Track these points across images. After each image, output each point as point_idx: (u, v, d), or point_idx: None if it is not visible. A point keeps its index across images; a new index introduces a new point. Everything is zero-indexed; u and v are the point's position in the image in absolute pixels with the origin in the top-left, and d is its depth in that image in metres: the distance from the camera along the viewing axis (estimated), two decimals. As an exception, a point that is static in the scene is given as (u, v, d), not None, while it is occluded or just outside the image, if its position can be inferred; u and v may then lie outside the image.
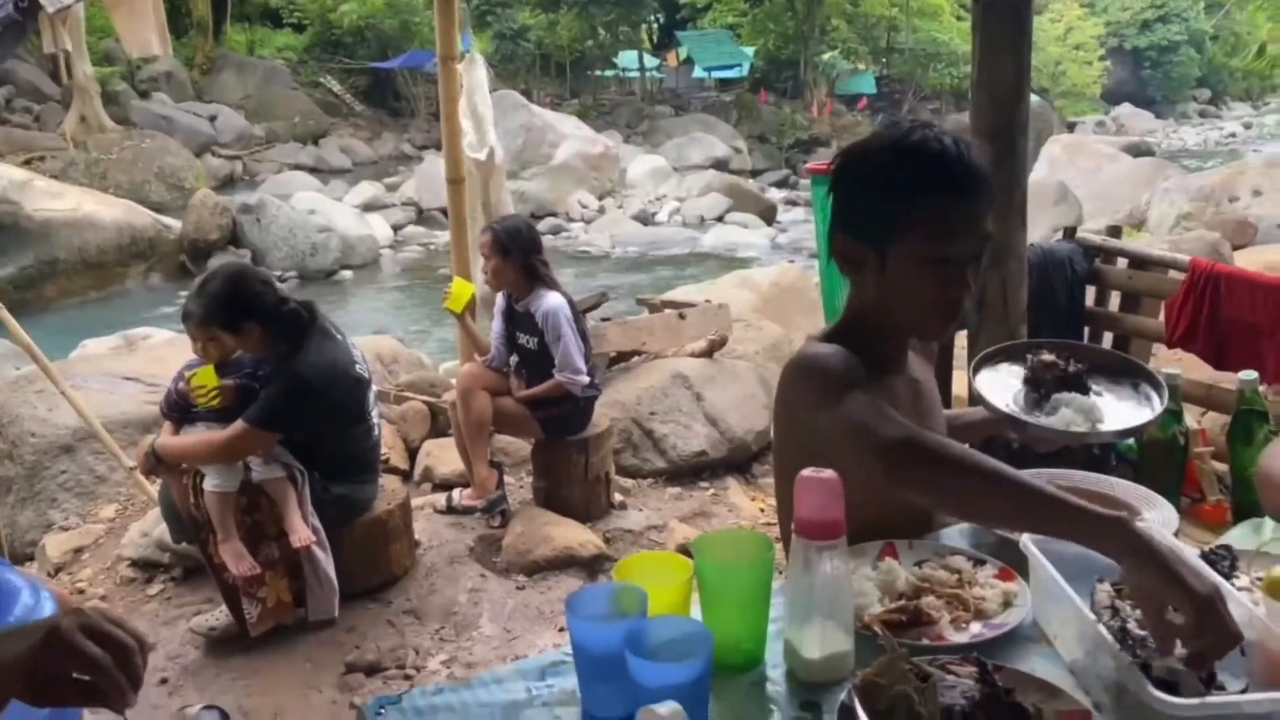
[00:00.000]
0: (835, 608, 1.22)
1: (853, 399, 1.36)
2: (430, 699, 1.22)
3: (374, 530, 3.54)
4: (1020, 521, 1.29)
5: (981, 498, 1.24)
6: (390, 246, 14.12)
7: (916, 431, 1.29)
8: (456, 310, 4.25)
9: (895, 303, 1.49)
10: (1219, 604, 1.06)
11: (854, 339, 1.54)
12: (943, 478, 1.25)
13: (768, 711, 1.18)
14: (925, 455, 1.26)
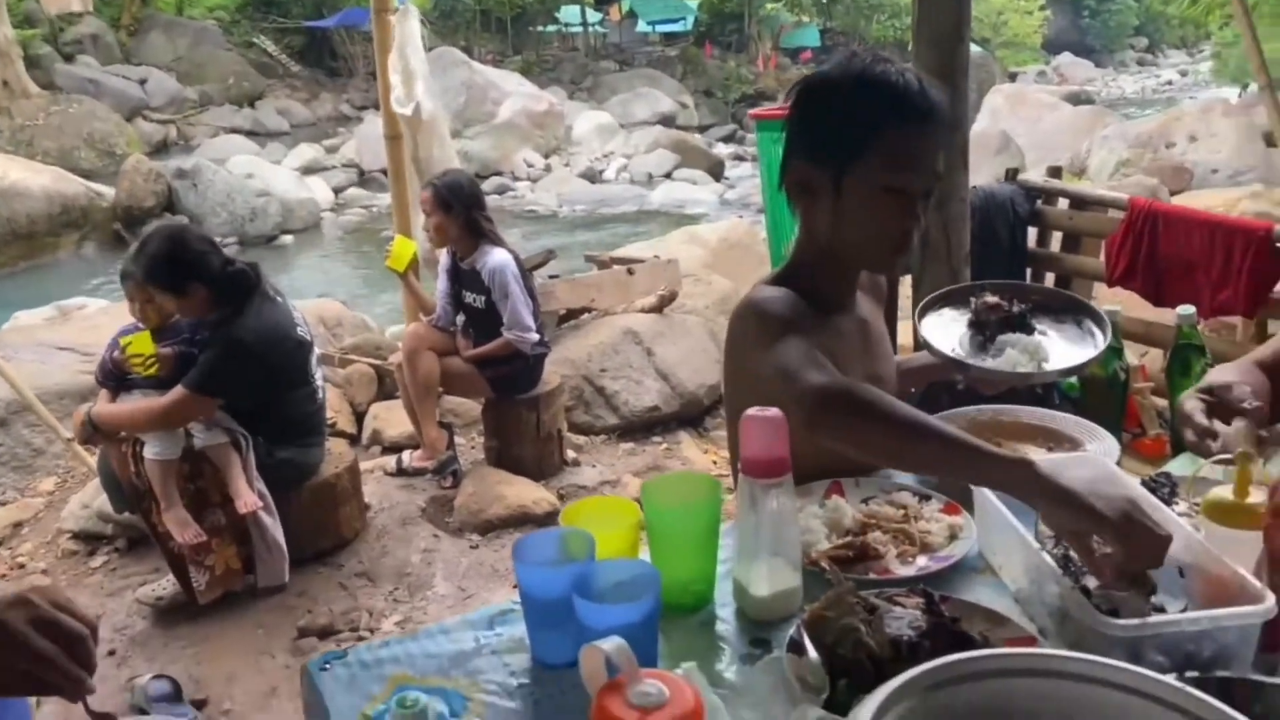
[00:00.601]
0: (782, 545, 1.22)
1: (786, 344, 1.37)
2: (376, 652, 1.20)
3: (322, 494, 3.49)
4: (933, 468, 1.32)
5: (896, 446, 1.24)
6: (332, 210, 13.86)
7: (838, 380, 1.29)
8: (399, 269, 4.17)
9: (847, 233, 1.49)
10: (1136, 516, 1.06)
11: (801, 280, 1.54)
12: (859, 426, 1.25)
13: (718, 650, 1.17)
14: (843, 404, 1.25)
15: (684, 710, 0.67)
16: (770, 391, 1.31)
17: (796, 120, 1.51)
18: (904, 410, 1.23)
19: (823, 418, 1.25)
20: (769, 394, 1.28)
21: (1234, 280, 3.06)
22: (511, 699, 1.11)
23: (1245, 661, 1.04)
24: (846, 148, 1.43)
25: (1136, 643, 1.01)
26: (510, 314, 3.87)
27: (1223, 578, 1.09)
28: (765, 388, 1.34)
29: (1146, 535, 1.05)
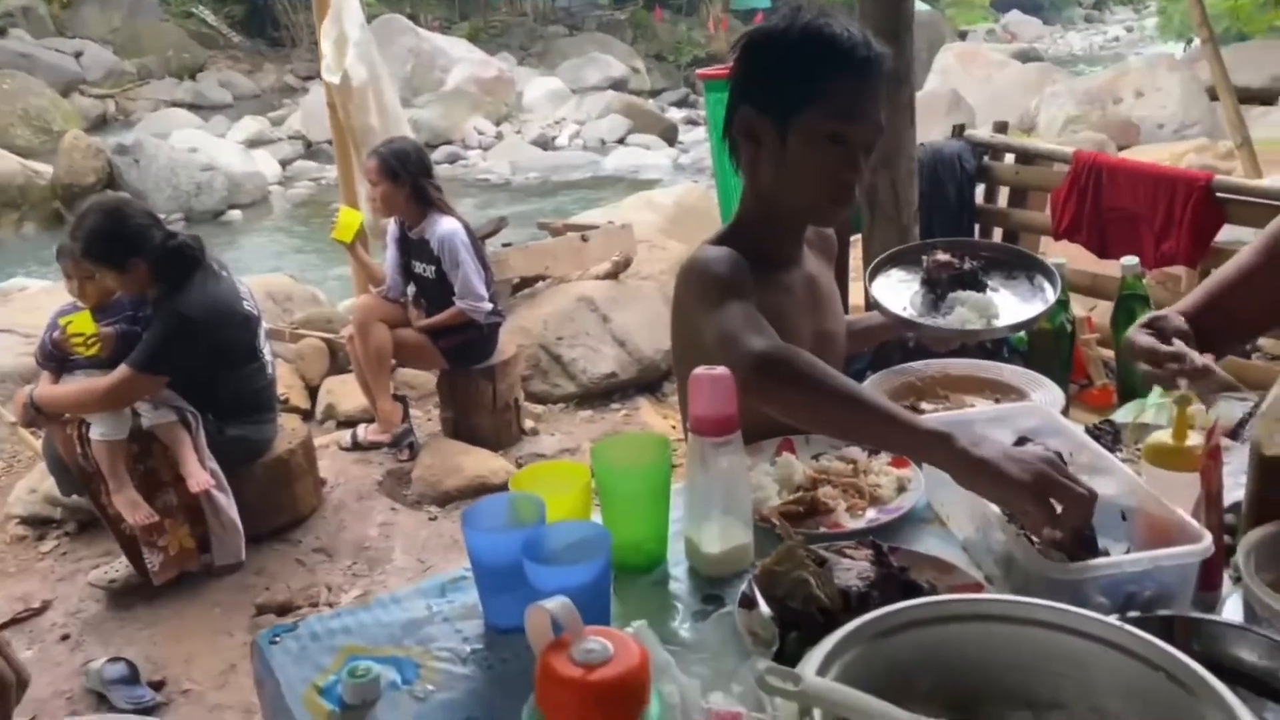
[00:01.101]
0: (733, 502, 1.22)
1: (728, 307, 1.38)
2: (327, 624, 1.19)
3: (276, 470, 3.45)
4: (856, 437, 1.34)
5: (823, 415, 1.25)
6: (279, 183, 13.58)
7: (775, 347, 1.29)
8: (345, 240, 4.10)
9: (790, 182, 1.49)
10: (1053, 478, 1.06)
11: (747, 237, 1.55)
12: (790, 394, 1.26)
13: (671, 608, 1.18)
14: (777, 371, 1.26)
15: (629, 666, 0.67)
16: (713, 354, 1.31)
17: (742, 70, 1.51)
18: (834, 380, 1.24)
19: (756, 384, 1.26)
20: (712, 356, 1.28)
21: (1176, 231, 3.11)
22: (464, 665, 1.10)
23: (1185, 600, 1.06)
24: (790, 95, 1.44)
25: (1080, 585, 1.03)
26: (461, 283, 3.83)
27: (1163, 519, 1.11)
28: (708, 350, 1.35)
29: (1067, 495, 1.06)
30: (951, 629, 0.89)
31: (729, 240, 1.55)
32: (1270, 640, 0.97)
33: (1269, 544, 1.10)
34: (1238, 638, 0.99)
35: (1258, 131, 6.73)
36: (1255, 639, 0.98)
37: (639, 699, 0.68)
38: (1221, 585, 1.11)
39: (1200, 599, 1.09)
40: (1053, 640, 0.88)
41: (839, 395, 1.22)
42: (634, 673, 0.67)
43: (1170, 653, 0.82)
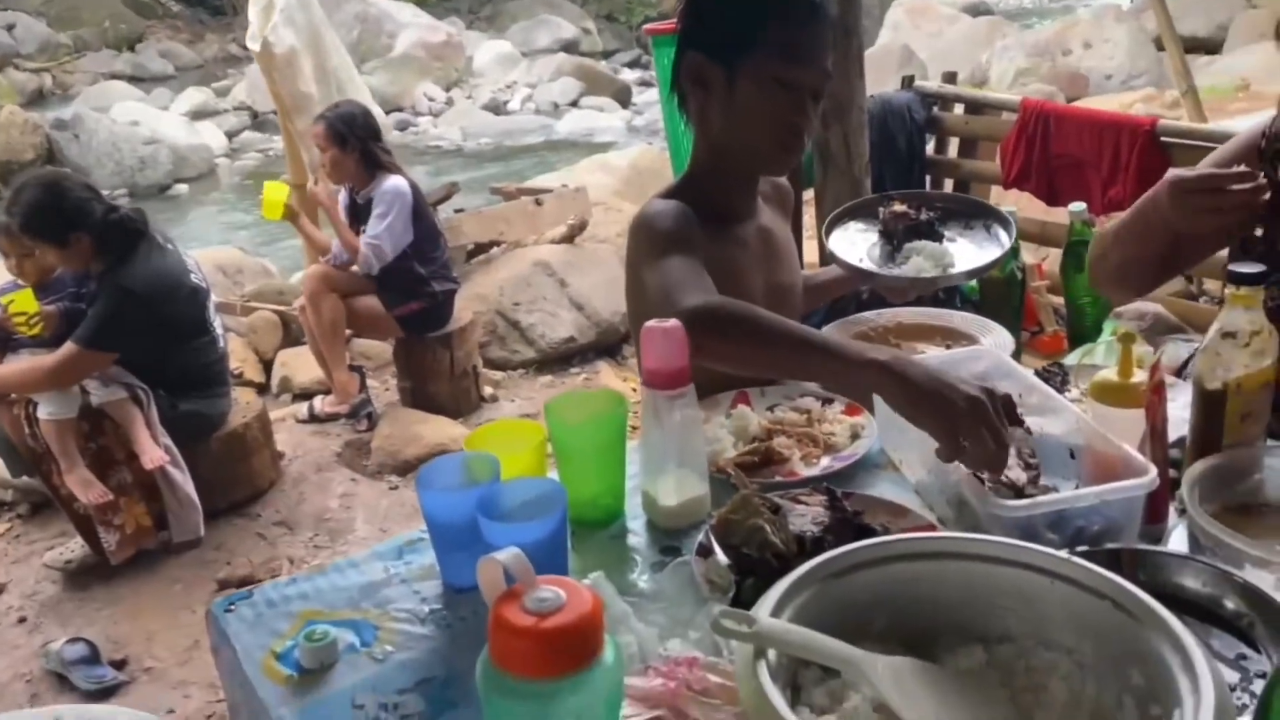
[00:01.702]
0: (688, 455, 1.22)
1: (669, 261, 1.38)
2: (283, 590, 1.18)
3: (232, 444, 3.41)
4: (795, 374, 1.36)
5: (765, 357, 1.27)
6: (226, 155, 13.30)
7: (709, 300, 1.29)
8: (275, 217, 3.99)
9: (740, 129, 1.49)
10: (986, 410, 1.07)
11: (698, 190, 1.54)
12: (727, 343, 1.27)
13: (629, 561, 1.18)
14: (711, 323, 1.26)
15: (582, 613, 0.67)
16: (656, 308, 1.31)
17: (689, 16, 1.50)
18: (771, 323, 1.25)
19: (693, 339, 1.24)
20: (658, 310, 1.28)
21: (1123, 176, 3.14)
22: (423, 625, 1.10)
23: (1132, 533, 1.08)
24: (738, 39, 1.44)
25: (1029, 522, 1.04)
26: (373, 226, 3.73)
27: (1109, 455, 1.13)
28: (654, 304, 1.35)
29: (987, 439, 1.05)
30: (903, 568, 0.90)
31: (679, 193, 1.54)
32: (1214, 568, 0.99)
33: (1212, 476, 1.13)
34: (1182, 567, 1.01)
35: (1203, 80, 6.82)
36: (1199, 568, 1.00)
37: (593, 645, 0.68)
38: (1167, 518, 1.14)
39: (1147, 532, 1.12)
40: (1002, 575, 0.89)
41: (777, 337, 1.24)
42: (587, 619, 0.67)
43: (1116, 582, 0.84)
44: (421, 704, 0.97)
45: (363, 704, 0.98)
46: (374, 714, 0.96)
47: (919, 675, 0.83)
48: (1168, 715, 0.74)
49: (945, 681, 0.84)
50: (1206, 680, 0.73)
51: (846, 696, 0.81)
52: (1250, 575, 0.97)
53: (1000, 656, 0.88)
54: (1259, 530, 1.11)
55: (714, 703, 0.84)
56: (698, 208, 1.49)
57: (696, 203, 1.49)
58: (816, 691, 0.82)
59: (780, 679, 0.78)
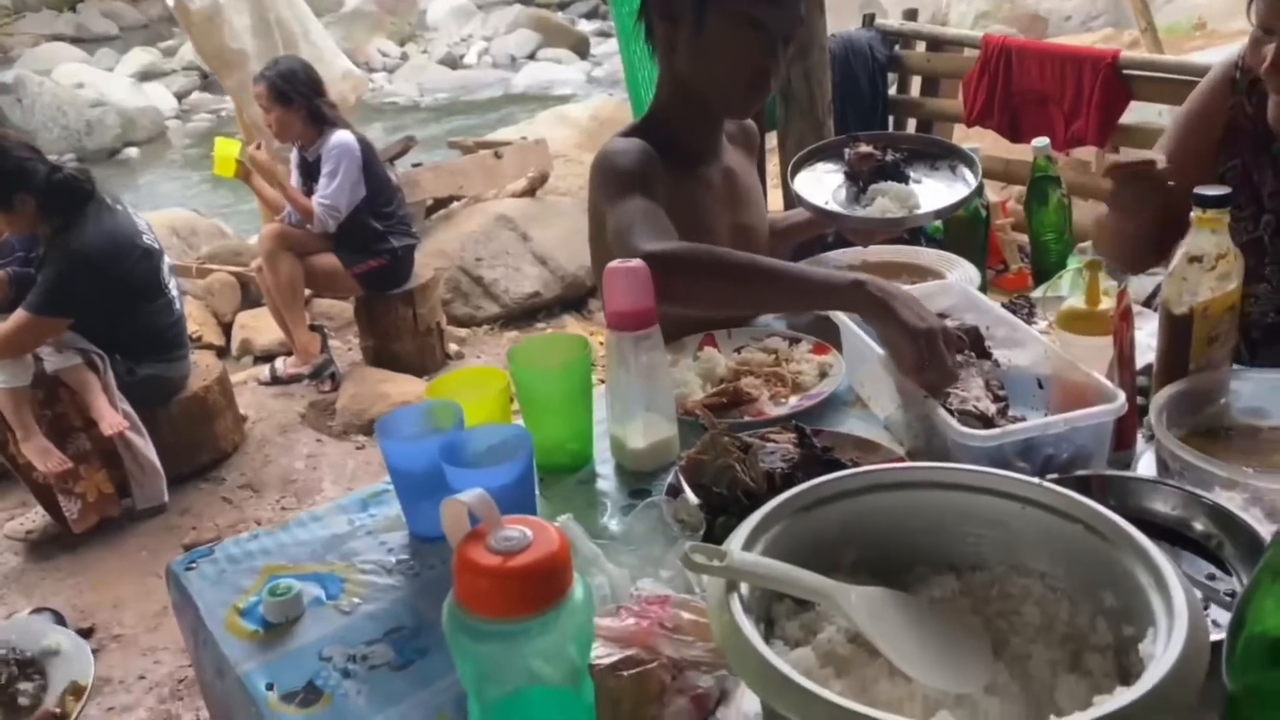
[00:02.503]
0: (656, 397, 1.20)
1: (626, 202, 1.36)
2: (245, 546, 1.16)
3: (193, 408, 3.35)
4: (770, 305, 1.35)
5: (731, 294, 1.27)
6: (176, 117, 12.99)
7: (667, 245, 1.27)
8: (227, 174, 3.90)
9: (706, 69, 1.46)
10: (936, 341, 1.14)
11: (660, 129, 1.51)
12: (691, 285, 1.25)
13: (599, 505, 1.16)
14: (672, 267, 1.24)
15: (548, 551, 0.65)
16: (615, 250, 1.29)
17: None
18: (733, 258, 1.25)
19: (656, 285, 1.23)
20: (615, 252, 1.26)
21: (1085, 110, 3.14)
22: (390, 575, 1.08)
23: (1101, 460, 1.08)
24: None
25: (999, 452, 1.04)
26: (324, 186, 3.67)
27: (1077, 383, 1.12)
28: (611, 245, 1.32)
29: (941, 361, 1.13)
30: (872, 499, 0.89)
31: (641, 131, 1.51)
32: (1182, 491, 0.99)
33: (1179, 400, 1.13)
34: (1151, 491, 1.01)
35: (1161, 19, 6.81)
36: (1168, 491, 1.00)
37: (561, 584, 0.66)
38: (1135, 444, 1.14)
39: (1115, 459, 1.12)
40: (972, 503, 0.88)
41: (746, 271, 1.24)
42: (554, 557, 0.65)
43: (1086, 504, 0.83)
44: (391, 654, 0.96)
45: (330, 656, 0.96)
46: (342, 665, 0.95)
47: (892, 604, 0.83)
48: (1141, 635, 0.74)
49: (918, 609, 0.84)
50: (1180, 598, 0.72)
51: (820, 628, 0.80)
52: (1218, 497, 0.97)
53: (973, 584, 0.87)
54: (1226, 453, 1.11)
55: (687, 639, 0.83)
56: (660, 147, 1.45)
57: (659, 141, 1.46)
58: (790, 624, 0.81)
59: (753, 613, 0.77)
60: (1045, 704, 0.76)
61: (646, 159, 1.42)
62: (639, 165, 1.41)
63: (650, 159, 1.42)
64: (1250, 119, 1.48)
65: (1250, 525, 0.92)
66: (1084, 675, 0.77)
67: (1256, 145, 1.48)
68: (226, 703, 0.99)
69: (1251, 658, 0.60)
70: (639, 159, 1.42)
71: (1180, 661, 0.66)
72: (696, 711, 0.81)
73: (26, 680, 1.65)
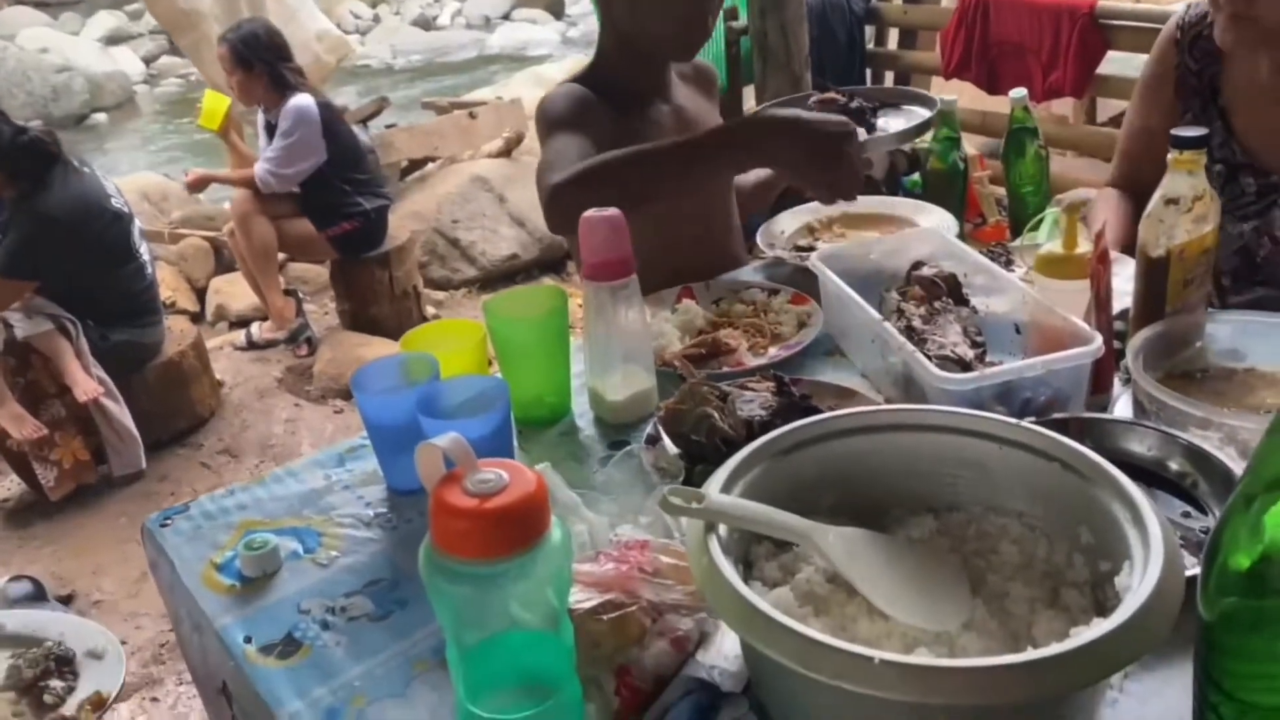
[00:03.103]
0: (634, 348, 1.19)
1: (553, 143, 1.37)
2: (220, 502, 1.14)
3: (168, 374, 3.33)
4: (676, 184, 1.32)
5: (634, 191, 1.27)
6: (145, 82, 12.76)
7: (568, 170, 1.28)
8: (212, 127, 3.85)
9: (639, 14, 1.47)
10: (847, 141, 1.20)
11: (603, 73, 1.53)
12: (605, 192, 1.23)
13: (578, 457, 1.16)
14: (571, 189, 1.26)
15: (525, 491, 0.64)
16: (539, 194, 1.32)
17: None
18: (629, 151, 1.27)
19: (561, 215, 1.27)
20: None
21: (1063, 61, 3.13)
22: (368, 528, 1.07)
23: (1079, 403, 1.08)
24: None
25: (976, 395, 1.03)
26: (274, 147, 3.62)
27: (1055, 327, 1.12)
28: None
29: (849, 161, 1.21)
30: (850, 442, 0.89)
31: (582, 78, 1.53)
32: (1159, 431, 1.00)
33: (1155, 343, 1.13)
34: (1128, 432, 1.01)
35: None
36: (1144, 431, 1.00)
37: (538, 526, 0.65)
38: (1113, 387, 1.14)
39: (1092, 402, 1.12)
40: (949, 444, 0.88)
41: (646, 158, 1.26)
42: (530, 499, 0.64)
43: (1063, 443, 0.83)
44: (370, 605, 0.95)
45: (308, 609, 0.95)
46: (320, 618, 0.94)
47: (870, 544, 0.83)
48: (1117, 569, 0.74)
49: (896, 549, 0.84)
50: (1155, 532, 0.73)
51: (798, 569, 0.81)
52: (1194, 437, 0.98)
53: (951, 524, 0.88)
54: (1202, 395, 1.12)
55: (666, 583, 0.82)
56: (602, 91, 1.47)
57: (601, 85, 1.48)
58: (768, 566, 0.81)
59: (732, 554, 0.77)
60: (1023, 639, 0.76)
61: (580, 102, 1.44)
62: (569, 107, 1.43)
63: (585, 102, 1.44)
64: (1195, 74, 1.52)
65: (1225, 464, 0.93)
66: (1061, 610, 0.78)
67: (1203, 99, 1.52)
68: (205, 658, 0.99)
69: (1225, 587, 0.61)
70: (571, 101, 1.44)
71: (1155, 594, 0.66)
72: (677, 653, 0.81)
73: (60, 679, 1.66)
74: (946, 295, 1.24)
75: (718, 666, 0.81)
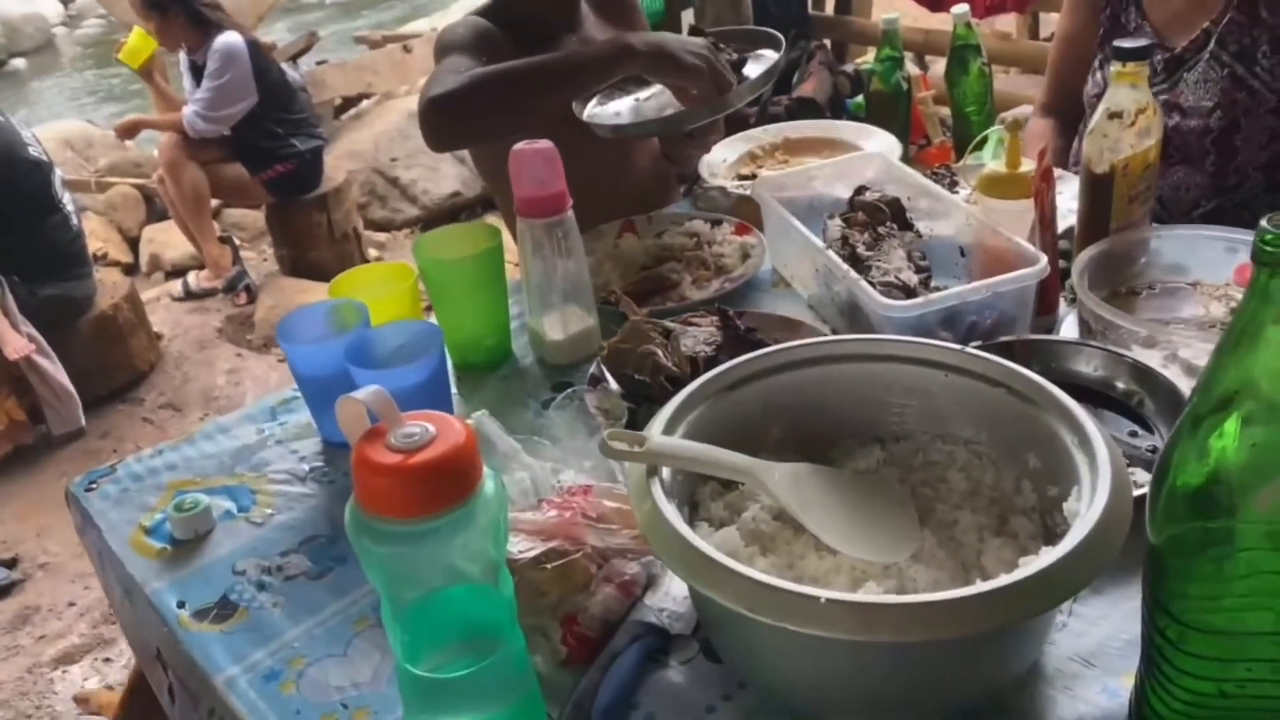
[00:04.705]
0: (573, 286, 1.16)
1: (443, 62, 1.34)
2: (148, 463, 1.10)
3: (103, 328, 3.22)
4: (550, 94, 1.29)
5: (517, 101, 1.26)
6: (64, 24, 12.22)
7: (444, 86, 1.24)
8: (133, 65, 3.68)
9: None
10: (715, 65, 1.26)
11: (507, 6, 1.48)
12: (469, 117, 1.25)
13: (520, 400, 1.12)
14: (451, 102, 1.24)
15: (453, 444, 0.61)
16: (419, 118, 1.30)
17: None
18: (500, 69, 1.25)
19: (436, 131, 1.26)
20: None
21: (1005, -24, 3.09)
22: (303, 484, 1.04)
23: (1024, 325, 1.07)
24: None
25: (922, 321, 1.02)
26: (203, 90, 3.48)
27: (999, 248, 1.10)
28: None
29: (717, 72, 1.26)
30: (793, 375, 0.87)
31: (485, 10, 1.48)
32: (1104, 351, 0.99)
33: (1100, 261, 1.12)
34: (1074, 353, 1.01)
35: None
36: (1090, 351, 1.00)
37: (468, 479, 0.62)
38: (1059, 308, 1.13)
39: (1038, 324, 1.11)
40: (894, 373, 0.87)
41: (521, 76, 1.25)
42: (459, 451, 0.61)
43: (1009, 367, 0.82)
44: (307, 563, 0.92)
45: (244, 569, 0.92)
46: (256, 578, 0.91)
47: (816, 479, 0.81)
48: (1065, 494, 0.73)
49: (843, 482, 0.82)
50: (1103, 454, 0.72)
51: (745, 507, 0.79)
52: (1139, 355, 0.97)
53: (898, 454, 0.86)
54: (1146, 311, 1.11)
55: (610, 528, 0.80)
56: (505, 23, 1.43)
57: (503, 19, 1.44)
58: (714, 506, 0.80)
59: (675, 497, 0.75)
60: (972, 569, 0.75)
61: (478, 32, 1.40)
62: (466, 36, 1.39)
63: (484, 33, 1.40)
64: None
65: (1170, 381, 0.92)
66: (1010, 538, 0.77)
67: None
68: (138, 625, 0.96)
69: (1174, 509, 0.59)
70: (468, 31, 1.40)
71: (1104, 518, 0.65)
72: (624, 598, 0.79)
73: None
74: (890, 220, 1.22)
75: (666, 609, 0.79)
